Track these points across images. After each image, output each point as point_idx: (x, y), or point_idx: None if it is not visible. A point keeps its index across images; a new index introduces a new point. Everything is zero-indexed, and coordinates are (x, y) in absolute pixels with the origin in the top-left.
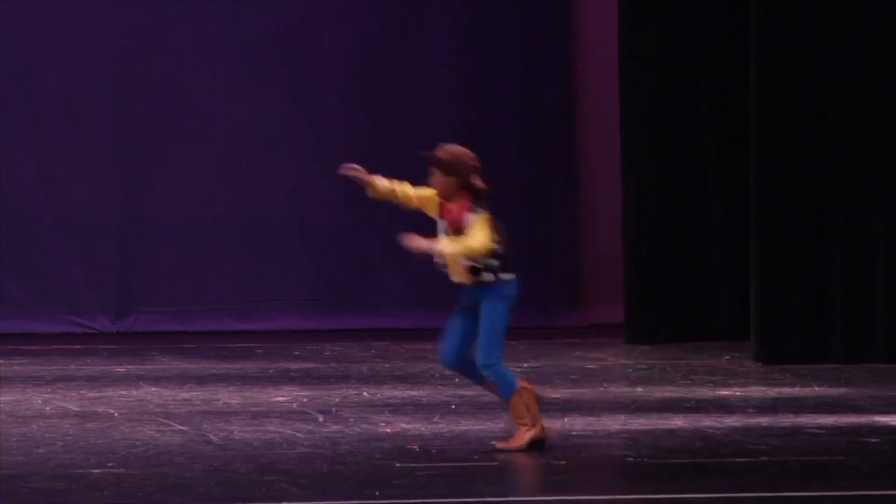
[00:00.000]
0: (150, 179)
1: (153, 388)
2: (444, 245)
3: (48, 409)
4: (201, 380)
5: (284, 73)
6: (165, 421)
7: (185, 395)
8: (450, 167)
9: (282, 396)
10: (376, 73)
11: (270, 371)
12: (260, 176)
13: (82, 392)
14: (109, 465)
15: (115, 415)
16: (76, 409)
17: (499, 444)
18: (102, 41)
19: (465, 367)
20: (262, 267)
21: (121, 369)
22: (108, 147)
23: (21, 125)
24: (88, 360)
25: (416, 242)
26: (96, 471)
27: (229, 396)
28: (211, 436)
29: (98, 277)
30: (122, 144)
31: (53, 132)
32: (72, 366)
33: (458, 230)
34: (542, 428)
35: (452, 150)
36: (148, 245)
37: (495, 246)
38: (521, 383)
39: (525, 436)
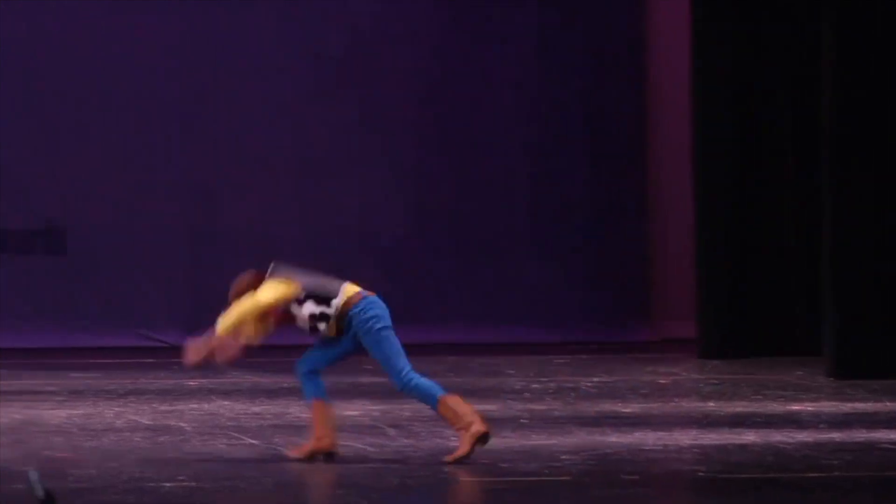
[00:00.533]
0: (220, 194)
1: (225, 402)
2: (218, 328)
3: (120, 422)
4: (272, 393)
5: (355, 89)
6: (237, 434)
7: (257, 409)
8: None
9: (353, 410)
10: (446, 90)
11: (342, 385)
12: (330, 191)
13: (154, 405)
14: (181, 478)
15: (187, 428)
16: (148, 422)
17: (448, 458)
18: (173, 57)
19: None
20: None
21: (192, 383)
22: (178, 161)
23: (92, 141)
24: (161, 374)
25: (191, 354)
26: (168, 484)
27: (300, 410)
28: (282, 449)
29: (169, 291)
30: (192, 159)
31: (124, 147)
32: (143, 379)
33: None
34: (481, 420)
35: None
36: (218, 259)
37: (283, 294)
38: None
39: (465, 438)
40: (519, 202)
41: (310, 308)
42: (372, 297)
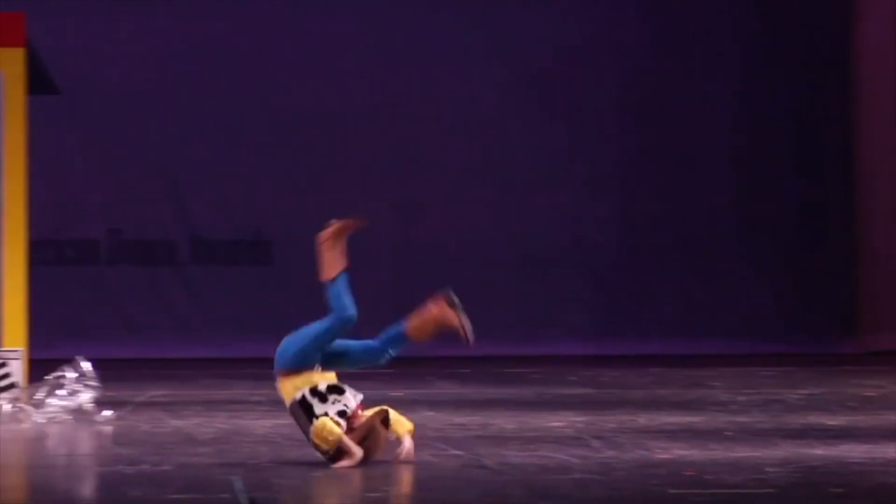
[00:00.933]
0: (425, 207)
1: (429, 413)
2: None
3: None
4: (477, 404)
5: (561, 103)
6: (441, 445)
7: (461, 420)
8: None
9: (557, 422)
10: (652, 104)
11: (546, 396)
12: (537, 202)
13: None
14: (384, 488)
15: (392, 439)
16: None
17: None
18: (380, 72)
19: None
20: (538, 292)
21: (397, 393)
22: (383, 174)
23: (299, 154)
24: (365, 385)
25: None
26: (372, 494)
27: (505, 421)
28: (486, 460)
29: (374, 302)
30: (398, 172)
31: (331, 161)
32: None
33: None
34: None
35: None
36: (424, 270)
37: None
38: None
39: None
40: (725, 214)
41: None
42: None
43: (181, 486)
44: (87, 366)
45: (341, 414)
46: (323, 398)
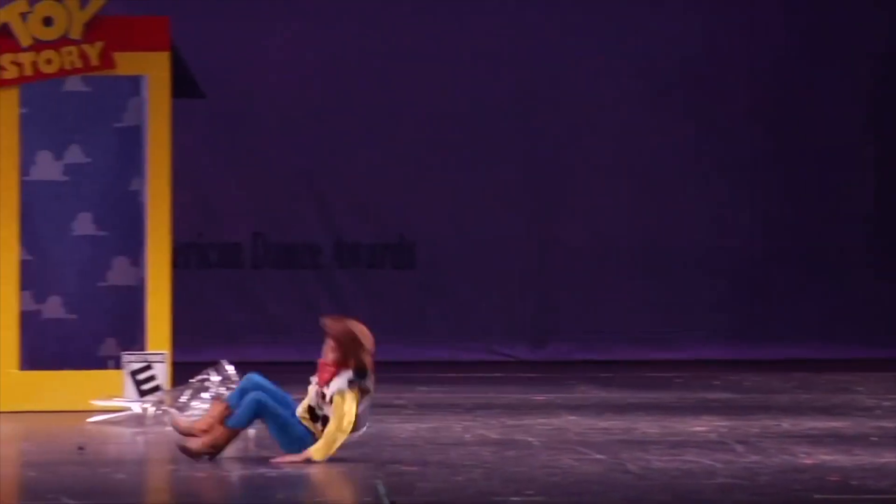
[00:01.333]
0: (565, 208)
1: (572, 417)
2: (315, 454)
3: (468, 436)
4: (620, 409)
5: (693, 99)
6: (584, 450)
7: (604, 424)
8: (340, 344)
9: (700, 426)
10: (785, 106)
11: (689, 400)
12: (675, 204)
13: (502, 420)
14: (528, 492)
15: (534, 443)
16: (495, 436)
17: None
18: (510, 70)
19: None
20: (681, 296)
21: (540, 398)
22: (522, 175)
23: (441, 155)
24: (508, 389)
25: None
26: (515, 498)
27: (647, 426)
28: (629, 465)
29: (518, 306)
30: (536, 173)
31: (471, 164)
32: (491, 394)
33: (323, 381)
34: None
35: (348, 328)
36: (566, 275)
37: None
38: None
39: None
40: (860, 217)
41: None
42: None
43: (325, 489)
44: (230, 369)
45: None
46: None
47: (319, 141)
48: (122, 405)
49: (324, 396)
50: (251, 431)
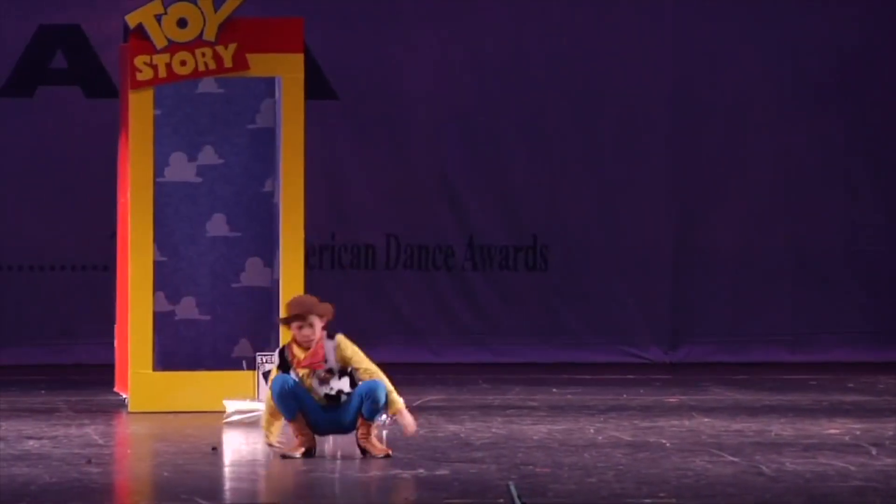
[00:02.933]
0: (703, 209)
1: (705, 419)
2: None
3: (600, 438)
4: (753, 411)
5: (842, 100)
6: (717, 452)
7: (737, 426)
8: (318, 315)
9: (835, 429)
10: None
11: (824, 403)
12: (814, 205)
13: (635, 422)
14: (661, 495)
15: (667, 445)
16: (628, 438)
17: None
18: (659, 71)
19: None
20: (816, 297)
21: (673, 399)
22: (662, 177)
23: (579, 156)
24: (641, 390)
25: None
26: (648, 500)
27: (781, 428)
28: (763, 467)
29: (651, 308)
30: (676, 175)
31: (610, 163)
32: (624, 395)
33: (320, 363)
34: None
35: (310, 299)
36: (701, 275)
37: None
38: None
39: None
40: None
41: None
42: None
43: (457, 490)
44: None
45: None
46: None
47: (453, 141)
48: (256, 406)
49: (330, 371)
50: (385, 433)
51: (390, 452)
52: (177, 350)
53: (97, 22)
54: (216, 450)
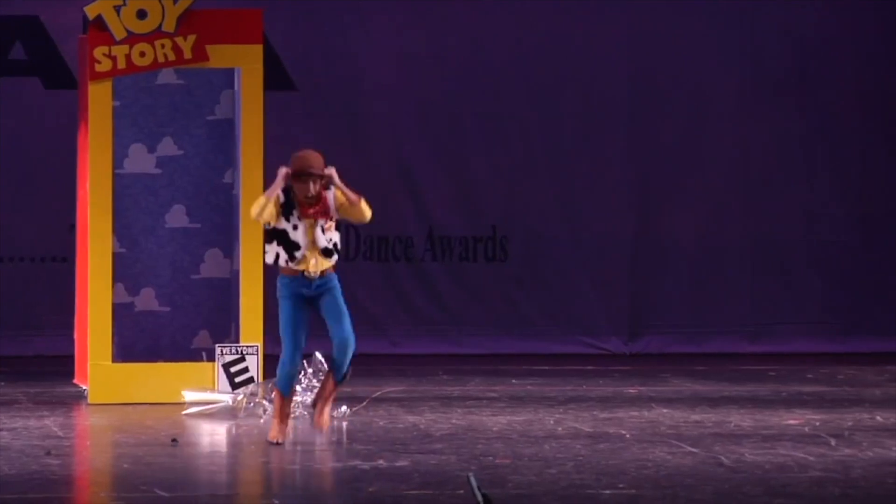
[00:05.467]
0: (663, 200)
1: (665, 410)
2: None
3: (560, 429)
4: (713, 402)
5: (798, 96)
6: (677, 443)
7: (697, 417)
8: (322, 173)
9: (794, 419)
10: (889, 97)
11: (783, 394)
12: (772, 196)
13: (594, 413)
14: (620, 486)
15: (627, 436)
16: (588, 429)
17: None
18: (619, 63)
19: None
20: (775, 288)
21: (632, 390)
22: (622, 168)
23: (538, 147)
24: (601, 381)
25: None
26: (607, 491)
27: (741, 419)
28: (722, 458)
29: (611, 298)
30: (636, 165)
31: (569, 154)
32: (584, 386)
33: (326, 214)
34: (277, 431)
35: (314, 156)
36: (660, 266)
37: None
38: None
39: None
40: None
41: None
42: None
43: (417, 482)
44: (323, 361)
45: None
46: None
47: (412, 133)
48: (215, 397)
49: (329, 219)
50: (344, 424)
51: (324, 430)
52: (136, 341)
53: (56, 13)
54: (176, 441)
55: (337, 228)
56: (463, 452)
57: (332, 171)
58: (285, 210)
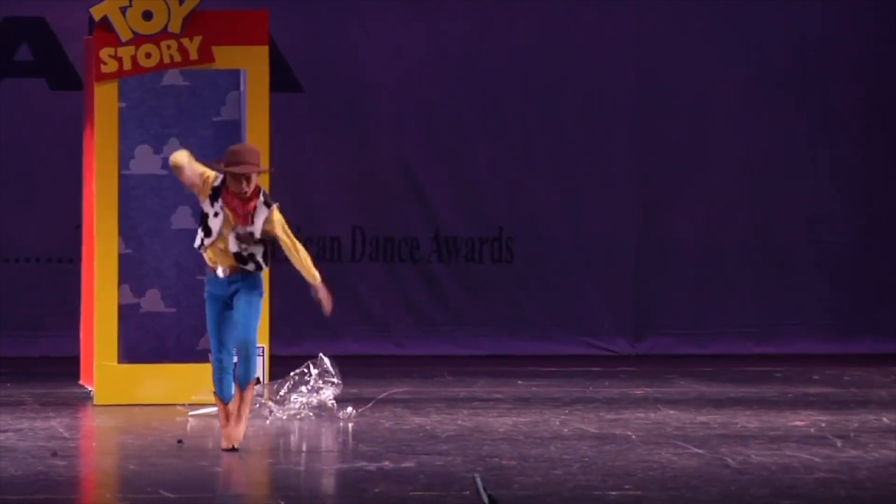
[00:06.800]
0: (667, 202)
1: (671, 411)
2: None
3: (566, 430)
4: (719, 403)
5: (802, 97)
6: (682, 444)
7: (703, 419)
8: (259, 169)
9: (800, 421)
10: (892, 97)
11: (789, 395)
12: (776, 197)
13: (600, 414)
14: (626, 487)
15: (633, 437)
16: (594, 430)
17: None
18: (622, 63)
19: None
20: (780, 290)
21: (638, 392)
22: (626, 169)
23: (543, 148)
24: (606, 383)
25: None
26: (613, 493)
27: (747, 420)
28: (728, 459)
29: (616, 300)
30: (640, 166)
31: (574, 155)
32: (590, 388)
33: (245, 220)
34: (226, 437)
35: (251, 150)
36: (665, 268)
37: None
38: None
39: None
40: None
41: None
42: None
43: (422, 483)
44: (328, 362)
45: None
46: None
47: (417, 133)
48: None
49: (251, 235)
50: (350, 425)
51: (237, 447)
52: (142, 342)
53: (62, 14)
54: (182, 442)
55: (264, 246)
56: (469, 453)
57: (317, 283)
58: (213, 194)
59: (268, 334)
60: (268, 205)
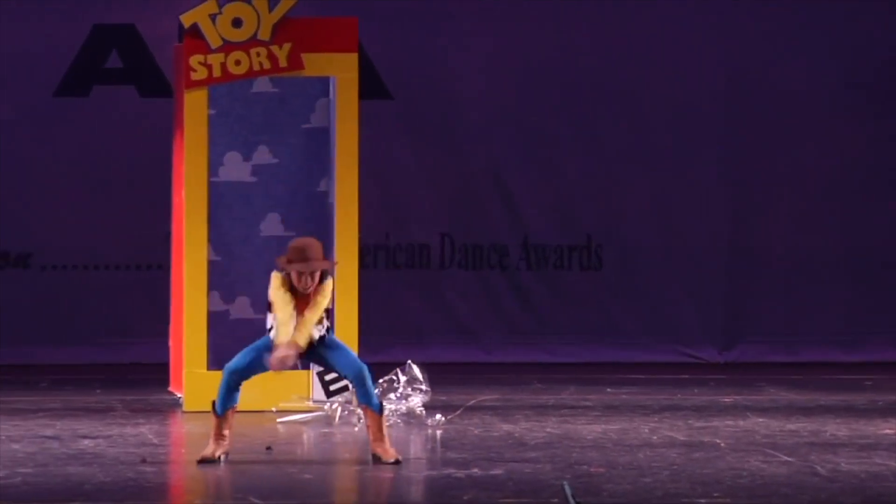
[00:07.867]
0: (757, 209)
1: (760, 419)
2: (297, 337)
3: (655, 437)
4: (808, 411)
5: (893, 103)
6: (772, 452)
7: (792, 427)
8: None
9: (890, 429)
10: None
11: (879, 403)
12: (867, 205)
13: (689, 422)
14: (715, 494)
15: (722, 445)
16: (683, 438)
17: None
18: (711, 71)
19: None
20: (870, 298)
21: (727, 399)
22: (716, 177)
23: (632, 155)
24: (695, 390)
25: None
26: (702, 500)
27: (836, 428)
28: (818, 467)
29: (705, 307)
30: (730, 174)
31: (663, 162)
32: (679, 395)
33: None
34: (211, 452)
35: (315, 246)
36: (755, 275)
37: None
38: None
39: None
40: None
41: None
42: None
43: (511, 490)
44: (417, 370)
45: None
46: None
47: (506, 141)
48: (311, 405)
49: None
50: (438, 432)
51: (400, 458)
52: (231, 349)
53: (152, 21)
54: (270, 449)
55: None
56: (558, 461)
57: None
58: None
59: (357, 342)
60: (323, 280)
